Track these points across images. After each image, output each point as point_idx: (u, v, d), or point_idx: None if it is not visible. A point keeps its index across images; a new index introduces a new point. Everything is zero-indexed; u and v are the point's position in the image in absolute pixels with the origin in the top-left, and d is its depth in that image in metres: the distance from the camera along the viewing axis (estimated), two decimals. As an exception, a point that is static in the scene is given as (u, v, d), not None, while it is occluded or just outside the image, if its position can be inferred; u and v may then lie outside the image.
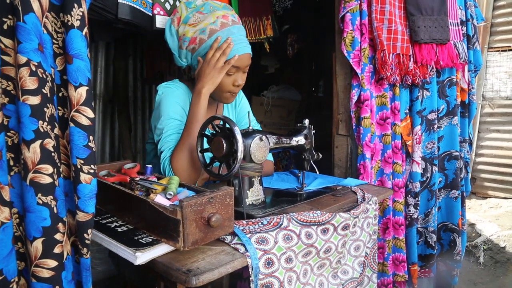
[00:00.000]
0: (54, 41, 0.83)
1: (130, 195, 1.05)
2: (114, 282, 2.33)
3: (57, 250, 0.79)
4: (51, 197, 0.78)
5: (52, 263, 0.78)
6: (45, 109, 0.77)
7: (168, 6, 1.78)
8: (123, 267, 1.43)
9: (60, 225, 0.80)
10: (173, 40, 1.47)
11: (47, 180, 0.77)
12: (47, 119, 0.77)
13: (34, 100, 0.75)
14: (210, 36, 1.39)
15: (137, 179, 1.15)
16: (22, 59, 0.73)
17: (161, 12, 1.76)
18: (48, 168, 0.77)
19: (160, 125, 1.42)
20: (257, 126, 1.69)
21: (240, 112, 1.70)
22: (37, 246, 0.77)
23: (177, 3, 1.80)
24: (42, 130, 0.76)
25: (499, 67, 4.02)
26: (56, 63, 0.84)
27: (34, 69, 0.74)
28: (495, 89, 4.05)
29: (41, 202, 0.76)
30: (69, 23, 0.80)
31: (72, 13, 0.80)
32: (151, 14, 1.76)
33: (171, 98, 1.47)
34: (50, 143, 0.78)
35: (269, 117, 3.80)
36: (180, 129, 1.41)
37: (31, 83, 0.74)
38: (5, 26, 0.75)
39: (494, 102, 4.06)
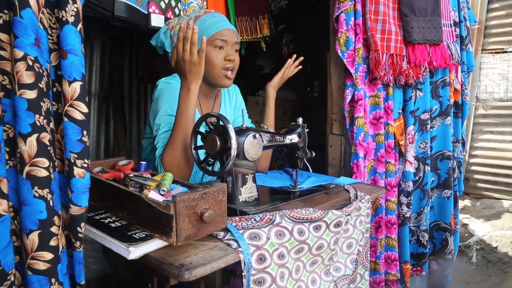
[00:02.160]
0: (49, 36, 0.84)
1: (124, 191, 1.06)
2: (108, 280, 2.33)
3: (53, 242, 0.79)
4: (47, 190, 0.78)
5: (48, 255, 0.79)
6: (42, 103, 0.77)
7: (163, 5, 1.80)
8: (117, 264, 1.43)
9: (55, 218, 0.80)
10: (167, 40, 1.54)
11: (43, 173, 0.78)
12: (43, 113, 0.78)
13: (31, 94, 0.75)
14: (195, 21, 1.46)
15: (131, 175, 1.15)
16: (19, 53, 0.74)
17: (156, 11, 1.78)
18: (45, 162, 0.78)
19: (158, 120, 1.44)
20: (250, 125, 1.70)
21: (238, 111, 1.73)
22: (33, 238, 0.78)
23: (172, 2, 1.82)
24: (38, 124, 0.77)
25: (492, 69, 4.05)
26: (50, 59, 0.85)
27: (31, 63, 0.75)
28: (488, 90, 4.09)
29: (37, 195, 0.77)
30: (64, 19, 0.81)
31: (66, 8, 0.81)
32: (146, 12, 1.77)
33: (170, 94, 1.47)
34: (46, 137, 0.78)
35: (265, 116, 3.80)
36: None
37: (28, 78, 0.75)
38: (0, 21, 0.76)
39: (487, 104, 4.09)
